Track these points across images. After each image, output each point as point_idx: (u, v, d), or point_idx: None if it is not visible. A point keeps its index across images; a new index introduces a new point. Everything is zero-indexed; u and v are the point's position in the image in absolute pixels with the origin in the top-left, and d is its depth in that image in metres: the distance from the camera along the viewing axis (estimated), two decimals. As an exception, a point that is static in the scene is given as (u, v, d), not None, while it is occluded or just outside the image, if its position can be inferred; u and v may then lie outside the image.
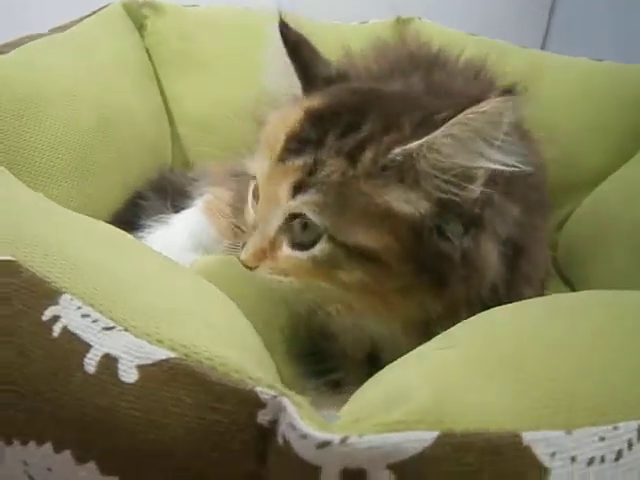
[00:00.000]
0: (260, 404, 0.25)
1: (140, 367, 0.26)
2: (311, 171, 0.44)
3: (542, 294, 0.60)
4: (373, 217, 0.44)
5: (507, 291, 0.50)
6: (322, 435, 0.23)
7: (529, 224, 0.52)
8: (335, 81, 0.53)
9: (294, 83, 0.52)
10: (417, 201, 0.43)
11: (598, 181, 0.90)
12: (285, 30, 0.50)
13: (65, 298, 0.29)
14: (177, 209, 0.79)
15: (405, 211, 0.43)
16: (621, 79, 0.94)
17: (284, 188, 0.45)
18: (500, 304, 0.43)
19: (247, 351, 0.31)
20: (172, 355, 0.26)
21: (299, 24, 0.53)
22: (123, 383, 0.26)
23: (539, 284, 0.58)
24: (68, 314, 0.28)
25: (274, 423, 0.25)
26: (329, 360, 0.54)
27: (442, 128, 0.41)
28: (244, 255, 0.47)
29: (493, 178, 0.43)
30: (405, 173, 0.43)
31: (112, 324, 0.28)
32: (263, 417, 0.25)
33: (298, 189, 0.44)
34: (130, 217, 0.77)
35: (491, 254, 0.47)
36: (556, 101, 0.97)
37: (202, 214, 0.77)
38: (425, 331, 0.44)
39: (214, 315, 0.35)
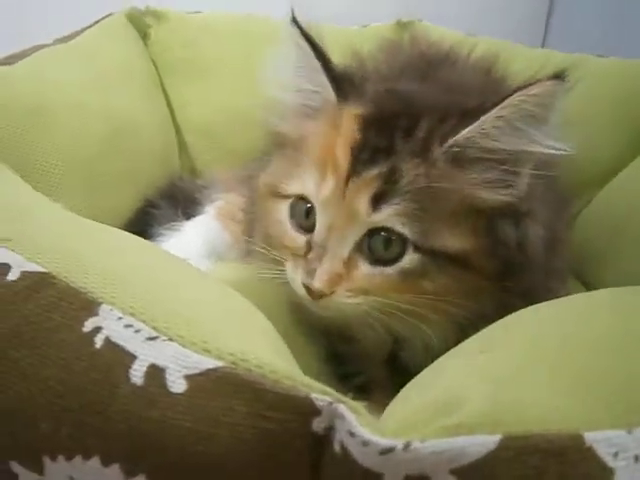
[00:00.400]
0: (315, 411, 0.24)
1: (188, 377, 0.26)
2: (390, 180, 0.42)
3: (566, 287, 0.60)
4: (456, 215, 0.43)
5: (544, 283, 0.50)
6: (385, 441, 0.22)
7: (558, 216, 0.53)
8: (360, 84, 0.50)
9: (321, 87, 0.48)
10: (492, 185, 0.44)
11: (608, 178, 0.89)
12: (304, 32, 0.47)
13: (104, 309, 0.28)
14: (188, 216, 0.79)
15: (485, 197, 0.44)
16: (627, 74, 0.94)
17: (363, 202, 0.43)
18: (533, 301, 0.43)
19: (289, 359, 0.30)
20: (220, 364, 0.26)
21: (307, 27, 0.50)
22: (172, 394, 0.25)
23: (565, 277, 0.58)
24: (110, 325, 0.28)
25: (330, 430, 0.24)
26: (350, 364, 0.53)
27: (493, 111, 0.42)
28: (318, 284, 0.43)
29: (539, 165, 0.44)
30: (471, 160, 0.43)
31: (155, 334, 0.27)
32: (318, 424, 0.24)
33: (379, 201, 0.42)
34: (142, 226, 0.77)
35: (538, 242, 0.47)
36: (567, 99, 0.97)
37: (214, 220, 0.76)
38: (457, 330, 0.44)
39: (249, 324, 0.35)
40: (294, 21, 0.47)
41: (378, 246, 0.44)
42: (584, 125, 0.92)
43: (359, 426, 0.23)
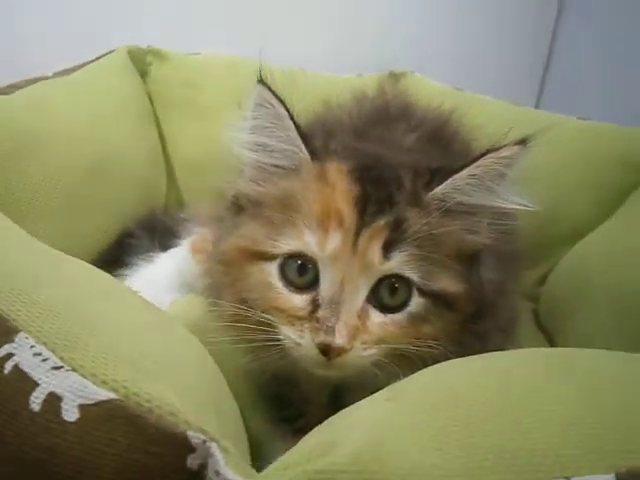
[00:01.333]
0: (190, 448, 0.26)
1: (82, 406, 0.27)
2: (397, 228, 0.45)
3: (512, 339, 0.62)
4: (449, 260, 0.47)
5: (495, 329, 0.53)
6: (242, 482, 0.24)
7: (506, 267, 0.55)
8: (325, 142, 0.53)
9: (295, 147, 0.49)
10: (473, 231, 0.48)
11: (581, 235, 0.91)
12: (274, 93, 0.48)
13: (20, 336, 0.30)
14: (165, 248, 0.81)
15: (470, 240, 0.48)
16: (606, 138, 0.96)
17: (375, 251, 0.44)
18: (487, 344, 0.49)
19: (194, 394, 0.32)
20: (113, 396, 0.28)
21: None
22: (65, 422, 0.27)
23: (511, 329, 0.59)
24: (21, 352, 0.29)
25: (203, 467, 0.26)
26: (293, 407, 0.54)
27: (466, 169, 0.46)
28: (340, 339, 0.43)
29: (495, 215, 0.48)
30: (452, 210, 0.47)
31: (60, 363, 0.29)
32: (193, 461, 0.26)
33: (389, 249, 0.44)
34: (118, 254, 0.80)
35: (489, 286, 0.51)
36: (539, 157, 0.99)
37: (188, 253, 0.78)
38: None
39: (173, 358, 0.36)
40: (262, 82, 0.48)
41: (385, 294, 0.46)
42: (558, 185, 0.95)
43: (224, 466, 0.24)
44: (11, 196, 0.65)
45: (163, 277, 0.75)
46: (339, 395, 0.53)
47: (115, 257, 0.79)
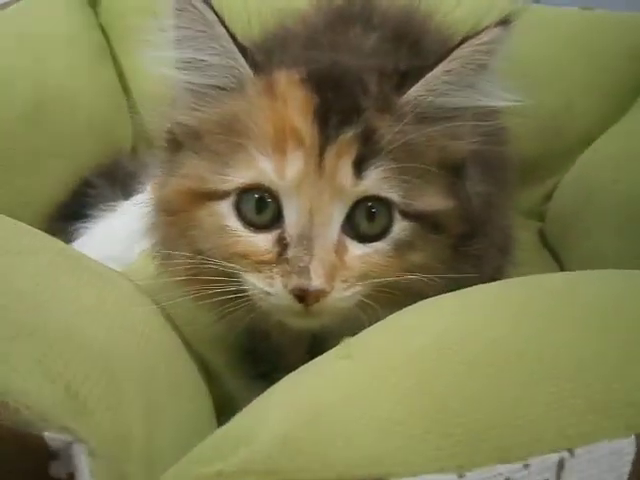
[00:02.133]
0: (51, 454, 0.19)
1: None
2: (368, 140, 0.38)
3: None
4: (430, 173, 0.40)
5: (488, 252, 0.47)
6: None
7: (491, 178, 0.48)
8: (270, 51, 0.45)
9: (231, 58, 0.41)
10: (456, 136, 0.42)
11: (588, 144, 0.83)
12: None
13: None
14: (128, 195, 0.74)
15: (454, 147, 0.41)
16: (613, 29, 0.86)
17: (345, 170, 0.38)
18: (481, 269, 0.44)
19: (90, 379, 0.25)
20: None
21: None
22: None
23: (507, 249, 0.54)
24: None
25: (73, 477, 0.19)
26: (268, 361, 0.48)
27: (439, 66, 0.39)
28: (317, 281, 0.37)
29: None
30: (429, 116, 0.40)
31: None
32: (58, 469, 0.19)
33: (361, 166, 0.38)
34: (77, 207, 0.73)
35: (476, 199, 0.44)
36: (544, 58, 0.89)
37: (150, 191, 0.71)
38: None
39: (79, 331, 0.30)
40: None
41: (362, 221, 0.39)
42: (560, 88, 0.86)
43: (88, 475, 0.18)
44: None
45: (125, 227, 0.68)
46: (317, 345, 0.46)
47: (75, 210, 0.73)
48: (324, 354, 0.30)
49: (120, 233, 0.69)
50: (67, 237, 0.69)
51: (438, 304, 0.32)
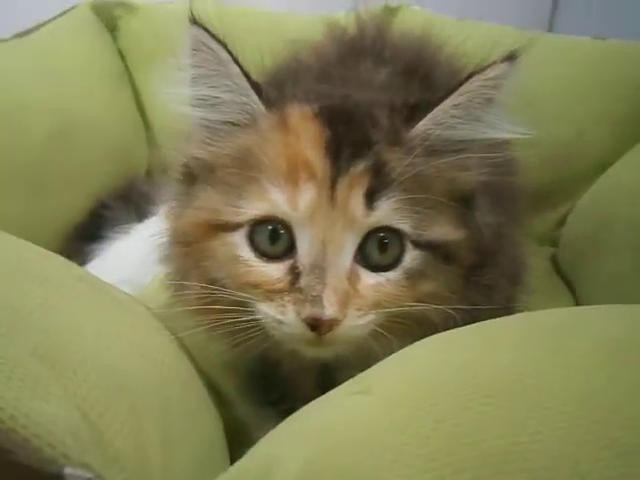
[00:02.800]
0: (69, 488, 0.20)
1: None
2: (379, 172, 0.39)
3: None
4: (440, 204, 0.41)
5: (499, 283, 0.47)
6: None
7: (501, 208, 0.49)
8: (281, 87, 0.46)
9: (244, 95, 0.42)
10: (465, 168, 0.42)
11: (602, 170, 0.83)
12: (212, 34, 0.41)
13: None
14: (142, 218, 0.75)
15: (464, 178, 0.42)
16: (624, 58, 0.87)
17: (357, 202, 0.38)
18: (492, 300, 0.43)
19: (110, 412, 0.25)
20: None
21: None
22: None
23: (517, 279, 0.53)
24: None
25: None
26: (278, 388, 0.49)
27: (448, 99, 0.40)
28: (330, 309, 0.37)
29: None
30: (437, 149, 0.41)
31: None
32: (79, 505, 0.20)
33: (372, 197, 0.38)
34: (92, 229, 0.74)
35: (487, 229, 0.44)
36: (557, 88, 0.90)
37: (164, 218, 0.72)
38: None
39: (99, 360, 0.30)
40: (196, 23, 0.40)
41: (374, 252, 0.40)
42: (574, 116, 0.86)
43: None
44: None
45: (139, 250, 0.69)
46: (328, 375, 0.46)
47: (91, 231, 0.74)
48: (338, 388, 0.30)
49: (133, 256, 0.70)
50: (83, 258, 0.70)
51: (453, 338, 0.32)
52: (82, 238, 0.73)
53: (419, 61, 0.55)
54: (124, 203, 0.77)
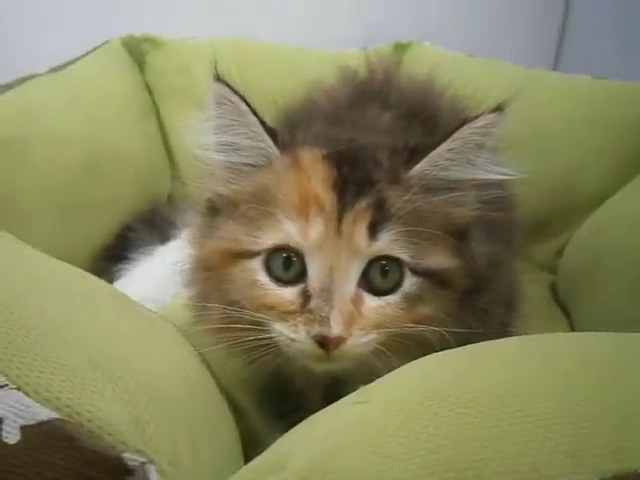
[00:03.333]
0: (128, 470, 0.25)
1: (24, 428, 0.26)
2: (380, 208, 0.43)
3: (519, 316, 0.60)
4: (437, 236, 0.45)
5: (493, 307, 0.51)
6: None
7: (497, 238, 0.53)
8: (293, 132, 0.51)
9: (262, 141, 0.47)
10: (459, 204, 0.46)
11: (600, 203, 0.86)
12: (234, 89, 0.46)
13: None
14: (165, 240, 0.80)
15: (457, 214, 0.46)
16: (625, 98, 0.90)
17: (361, 233, 0.43)
18: (485, 323, 0.48)
19: (149, 410, 0.30)
20: (55, 415, 0.26)
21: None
22: (6, 445, 0.26)
23: (512, 305, 0.57)
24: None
25: (143, 490, 0.24)
26: (290, 401, 0.53)
27: (443, 144, 0.44)
28: (337, 329, 0.41)
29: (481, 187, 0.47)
30: (434, 188, 0.46)
31: (5, 382, 0.28)
32: (131, 484, 0.24)
33: (375, 229, 0.43)
34: (118, 250, 0.79)
35: (481, 258, 0.49)
36: (556, 122, 0.95)
37: (187, 245, 0.77)
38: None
39: (133, 371, 0.34)
40: (219, 79, 0.45)
41: (377, 277, 0.44)
42: (575, 151, 0.91)
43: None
44: (2, 200, 0.65)
45: (162, 271, 0.74)
46: (335, 389, 0.51)
47: (117, 252, 0.79)
48: (342, 399, 0.35)
49: (156, 276, 0.75)
50: (110, 277, 0.75)
51: (446, 357, 0.36)
52: (109, 258, 0.78)
53: (422, 105, 0.61)
54: (148, 226, 0.82)
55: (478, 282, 0.48)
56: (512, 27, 1.39)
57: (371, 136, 0.50)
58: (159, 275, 0.75)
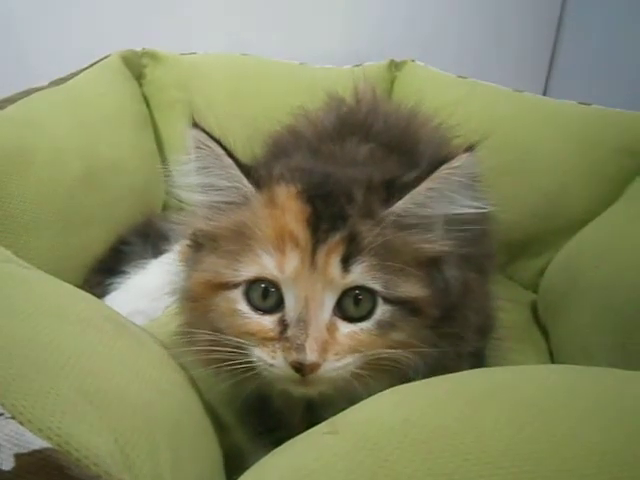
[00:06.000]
0: (111, 498, 0.27)
1: (17, 456, 0.29)
2: (353, 241, 0.46)
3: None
4: (408, 268, 0.48)
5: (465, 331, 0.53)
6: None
7: (470, 265, 0.55)
8: (268, 169, 0.53)
9: (238, 182, 0.50)
10: (431, 240, 0.49)
11: (581, 226, 0.89)
12: (210, 135, 0.49)
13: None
14: (158, 254, 0.82)
15: (428, 249, 0.49)
16: (608, 124, 0.93)
17: (334, 266, 0.46)
18: (459, 347, 0.51)
19: (134, 436, 0.33)
20: (46, 445, 0.29)
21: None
22: (1, 471, 0.28)
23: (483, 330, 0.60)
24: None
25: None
26: (270, 420, 0.56)
27: (423, 184, 0.47)
28: (311, 356, 0.44)
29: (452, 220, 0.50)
30: (410, 224, 0.49)
31: (2, 410, 0.30)
32: (114, 510, 0.27)
33: (348, 262, 0.46)
34: (112, 263, 0.81)
35: (455, 282, 0.51)
36: (542, 145, 0.97)
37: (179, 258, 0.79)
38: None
39: (121, 398, 0.37)
40: (196, 125, 0.48)
41: (350, 306, 0.47)
42: (558, 175, 0.93)
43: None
44: (2, 213, 0.67)
45: (154, 285, 0.77)
46: (314, 408, 0.54)
47: (109, 266, 0.81)
48: (315, 427, 0.37)
49: (148, 290, 0.78)
50: (103, 289, 0.78)
51: (406, 392, 0.39)
52: (103, 271, 0.80)
53: (404, 136, 0.64)
54: (142, 239, 0.84)
55: (450, 309, 0.50)
56: (503, 50, 1.42)
57: (348, 169, 0.53)
58: (150, 288, 0.77)
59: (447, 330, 0.50)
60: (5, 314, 0.40)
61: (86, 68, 0.98)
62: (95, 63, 1.00)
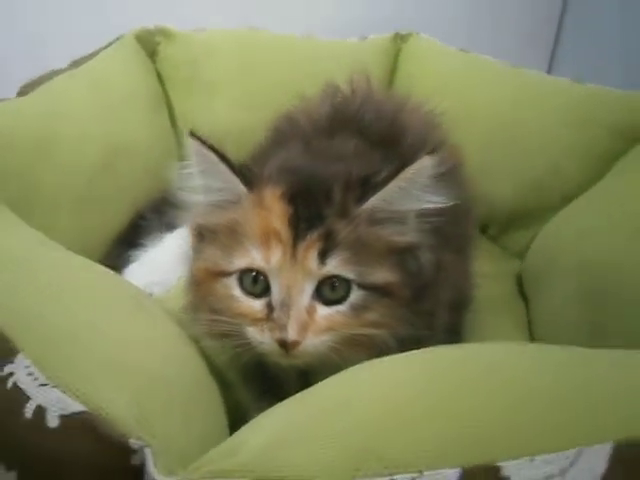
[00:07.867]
0: (133, 450, 0.36)
1: (61, 417, 0.37)
2: (328, 238, 0.53)
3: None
4: (380, 257, 0.55)
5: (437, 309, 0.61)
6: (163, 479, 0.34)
7: (445, 248, 0.62)
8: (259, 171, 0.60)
9: (231, 184, 0.57)
10: (401, 232, 0.56)
11: (568, 202, 0.94)
12: (206, 143, 0.55)
13: (19, 358, 0.40)
14: (172, 228, 0.90)
15: (397, 241, 0.56)
16: (599, 102, 0.96)
17: (312, 259, 0.53)
18: (431, 323, 0.58)
19: (150, 401, 0.41)
20: (83, 408, 0.37)
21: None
22: (49, 428, 0.37)
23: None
24: (19, 371, 0.39)
25: (143, 464, 0.36)
26: (269, 382, 0.64)
27: (391, 183, 0.54)
28: (293, 335, 0.52)
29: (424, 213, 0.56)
30: (381, 219, 0.55)
31: (46, 381, 0.39)
32: (135, 460, 0.36)
33: (324, 256, 0.53)
34: (131, 237, 0.89)
35: (429, 264, 0.58)
36: (535, 121, 1.01)
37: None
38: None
39: (141, 368, 0.45)
40: (193, 135, 0.55)
41: (327, 291, 0.55)
42: (548, 151, 0.98)
43: (152, 466, 0.34)
44: (25, 198, 0.73)
45: (168, 257, 0.84)
46: (304, 375, 0.62)
47: (130, 239, 0.89)
48: (298, 394, 0.45)
49: (163, 261, 0.86)
50: (124, 260, 0.86)
51: (380, 367, 0.47)
52: (123, 244, 0.88)
53: (391, 128, 0.71)
54: (157, 215, 0.91)
55: (423, 290, 0.57)
56: (509, 25, 1.43)
57: (332, 165, 0.60)
58: (165, 260, 0.85)
59: (419, 307, 0.57)
60: (40, 294, 0.49)
61: (101, 50, 1.03)
62: (109, 44, 1.04)
